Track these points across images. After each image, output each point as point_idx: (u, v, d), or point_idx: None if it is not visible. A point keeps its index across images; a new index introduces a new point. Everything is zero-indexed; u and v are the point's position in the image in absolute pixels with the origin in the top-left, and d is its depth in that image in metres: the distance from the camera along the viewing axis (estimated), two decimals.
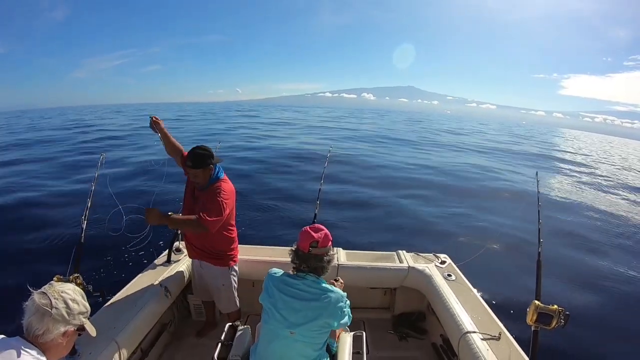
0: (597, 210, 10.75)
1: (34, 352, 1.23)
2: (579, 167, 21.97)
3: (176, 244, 3.36)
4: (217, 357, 2.02)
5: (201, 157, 2.45)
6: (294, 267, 1.85)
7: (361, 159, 15.26)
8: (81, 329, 1.39)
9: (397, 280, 3.24)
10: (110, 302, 2.46)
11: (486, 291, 4.81)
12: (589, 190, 14.13)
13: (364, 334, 2.19)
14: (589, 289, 5.59)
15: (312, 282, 1.78)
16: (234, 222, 2.79)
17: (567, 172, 18.95)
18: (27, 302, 1.29)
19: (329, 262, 1.81)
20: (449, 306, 2.67)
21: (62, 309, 1.29)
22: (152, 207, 2.21)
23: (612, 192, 14.24)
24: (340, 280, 2.26)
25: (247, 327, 2.21)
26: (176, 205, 2.92)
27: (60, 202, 7.38)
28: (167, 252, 3.25)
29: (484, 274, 5.23)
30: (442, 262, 3.34)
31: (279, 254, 3.26)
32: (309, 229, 1.80)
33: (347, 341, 2.08)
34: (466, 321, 2.46)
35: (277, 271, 1.87)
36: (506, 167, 17.32)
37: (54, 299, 1.29)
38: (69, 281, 2.00)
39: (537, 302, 1.98)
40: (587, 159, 28.72)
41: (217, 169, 2.59)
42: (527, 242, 6.38)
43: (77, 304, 1.35)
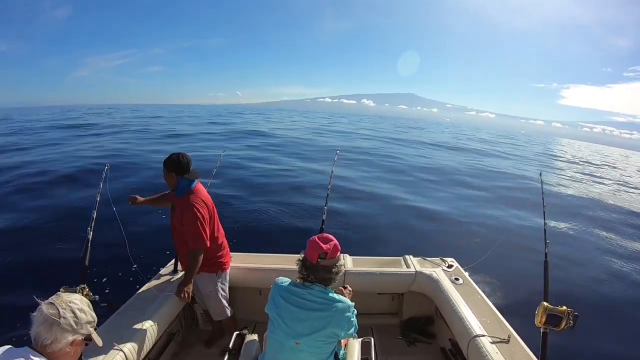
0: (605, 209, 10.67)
1: None
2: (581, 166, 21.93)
3: None
4: None
5: (168, 158, 2.56)
6: (301, 277, 1.80)
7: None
8: (88, 338, 1.40)
9: (404, 285, 3.22)
10: (117, 312, 2.47)
11: (494, 294, 4.77)
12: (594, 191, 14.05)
13: (372, 340, 2.18)
14: (598, 289, 5.53)
15: (319, 291, 1.74)
16: (219, 229, 2.81)
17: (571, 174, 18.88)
18: (34, 313, 1.30)
19: (337, 273, 1.76)
20: (457, 310, 2.65)
21: (70, 318, 1.30)
22: (179, 288, 2.58)
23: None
24: (348, 288, 2.23)
25: (255, 335, 2.20)
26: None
27: (65, 212, 7.41)
28: (173, 261, 3.26)
29: (492, 276, 5.19)
30: (449, 266, 3.32)
31: (286, 261, 3.25)
32: (317, 239, 1.74)
33: (355, 348, 2.07)
34: (475, 325, 2.44)
35: (284, 280, 1.84)
36: (509, 169, 17.25)
37: (62, 309, 1.30)
38: (76, 292, 2.02)
39: (545, 303, 1.97)
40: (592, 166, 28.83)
41: (189, 182, 2.62)
42: (533, 244, 6.33)
43: (85, 313, 1.36)
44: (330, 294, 1.75)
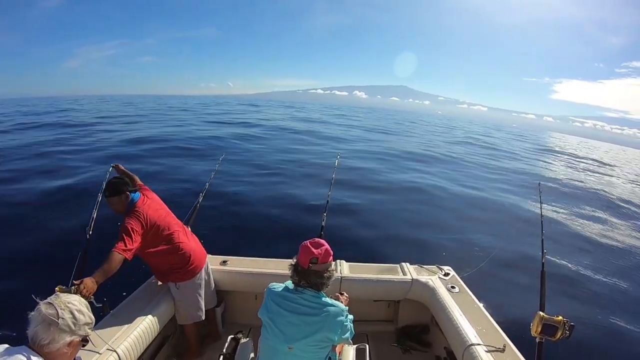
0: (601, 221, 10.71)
1: None
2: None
3: None
4: None
5: (114, 185, 2.54)
6: (293, 282, 1.82)
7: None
8: (85, 339, 1.40)
9: (400, 292, 3.23)
10: (111, 313, 2.46)
11: (490, 303, 4.74)
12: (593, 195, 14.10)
13: (367, 347, 2.18)
14: (595, 298, 5.54)
15: (311, 296, 1.74)
16: (176, 238, 2.72)
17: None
18: (32, 312, 1.31)
19: (329, 278, 1.76)
20: (452, 318, 2.66)
21: (68, 319, 1.30)
22: (81, 280, 2.10)
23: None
24: (345, 294, 2.23)
25: (250, 339, 2.20)
26: None
27: (65, 209, 7.34)
28: None
29: (488, 285, 5.18)
30: (446, 274, 3.33)
31: (282, 267, 3.24)
32: (309, 244, 1.76)
33: (350, 354, 2.07)
34: (470, 333, 2.45)
35: (277, 285, 1.85)
36: (504, 175, 17.27)
37: (61, 309, 1.30)
38: (71, 291, 2.01)
39: (541, 313, 1.98)
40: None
41: (133, 195, 2.61)
42: (530, 253, 6.34)
43: (83, 314, 1.37)
44: (322, 299, 1.76)
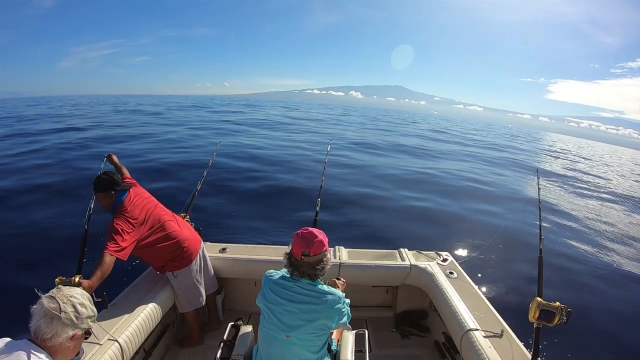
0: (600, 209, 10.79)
1: (43, 356, 1.24)
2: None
3: None
4: (220, 357, 2.04)
5: (100, 182, 2.52)
6: (288, 272, 1.81)
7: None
8: (88, 332, 1.40)
9: (399, 278, 3.25)
10: (112, 303, 2.47)
11: (488, 288, 4.83)
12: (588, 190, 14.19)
13: (367, 332, 2.20)
14: (591, 285, 5.61)
15: (308, 284, 1.74)
16: (168, 228, 2.71)
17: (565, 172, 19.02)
18: (35, 306, 1.30)
19: (324, 268, 1.75)
20: (451, 304, 2.68)
21: (70, 313, 1.30)
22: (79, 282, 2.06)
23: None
24: (342, 279, 2.25)
25: (250, 327, 2.22)
26: None
27: (61, 202, 7.32)
28: None
29: (486, 271, 5.25)
30: (444, 260, 3.34)
31: (280, 254, 3.25)
32: (301, 236, 1.74)
33: (349, 340, 2.09)
34: (468, 319, 2.47)
35: (275, 273, 1.84)
36: (503, 168, 17.34)
37: (63, 303, 1.29)
38: (71, 283, 2.01)
39: (539, 299, 1.99)
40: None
41: (121, 194, 2.58)
42: (528, 239, 6.40)
43: (86, 308, 1.36)
44: (319, 286, 1.76)
